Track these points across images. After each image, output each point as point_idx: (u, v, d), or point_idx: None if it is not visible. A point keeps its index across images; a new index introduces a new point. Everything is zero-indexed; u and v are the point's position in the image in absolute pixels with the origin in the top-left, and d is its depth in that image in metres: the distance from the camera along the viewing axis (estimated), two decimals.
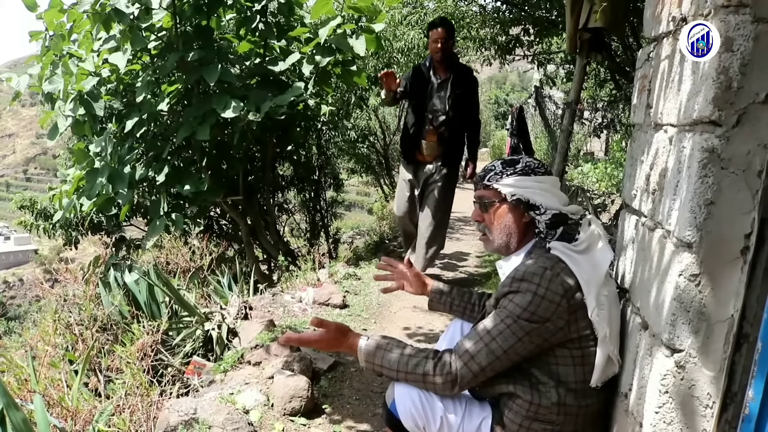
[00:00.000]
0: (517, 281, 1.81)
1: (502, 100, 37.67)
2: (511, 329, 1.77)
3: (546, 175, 1.98)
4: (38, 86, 5.76)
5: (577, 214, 1.95)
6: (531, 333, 1.77)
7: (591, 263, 1.83)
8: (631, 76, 4.08)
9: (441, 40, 4.87)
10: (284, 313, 4.61)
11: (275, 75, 5.94)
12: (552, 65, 10.25)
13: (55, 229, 8.21)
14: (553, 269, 1.79)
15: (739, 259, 1.38)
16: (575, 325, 1.79)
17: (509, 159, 2.04)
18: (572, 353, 1.83)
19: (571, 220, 1.94)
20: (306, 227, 9.59)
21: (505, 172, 1.98)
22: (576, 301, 1.78)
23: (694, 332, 1.42)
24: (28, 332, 4.34)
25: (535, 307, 1.76)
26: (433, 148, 5.06)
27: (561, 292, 1.76)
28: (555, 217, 1.92)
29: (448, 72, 5.02)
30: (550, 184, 1.96)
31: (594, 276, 1.80)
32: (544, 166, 2.02)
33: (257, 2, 5.63)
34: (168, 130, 5.99)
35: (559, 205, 1.93)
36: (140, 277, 4.39)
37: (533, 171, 1.96)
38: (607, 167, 8.60)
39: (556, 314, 1.77)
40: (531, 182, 1.95)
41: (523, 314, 1.76)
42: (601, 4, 3.40)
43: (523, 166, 1.97)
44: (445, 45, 4.90)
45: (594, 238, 1.90)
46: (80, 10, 5.14)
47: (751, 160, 1.35)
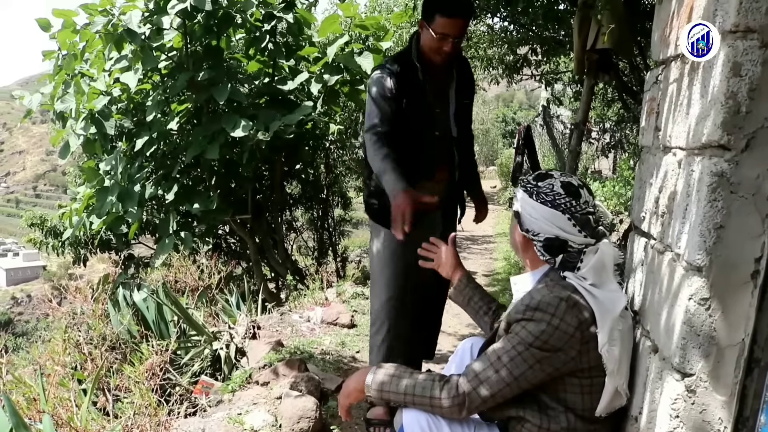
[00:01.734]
0: (531, 310, 1.78)
1: (509, 119, 37.75)
2: (523, 356, 1.76)
3: (557, 209, 1.84)
4: (50, 105, 5.84)
5: (582, 244, 1.85)
6: (542, 361, 1.75)
7: (608, 298, 1.80)
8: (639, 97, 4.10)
9: (456, 37, 2.79)
10: (292, 333, 4.62)
11: (284, 94, 6.00)
12: (560, 84, 10.29)
13: (64, 246, 8.25)
14: (568, 300, 1.76)
15: (749, 283, 1.38)
16: (587, 355, 1.77)
17: (541, 173, 1.95)
18: (581, 382, 1.81)
19: (572, 248, 1.86)
20: (314, 245, 9.60)
21: (526, 183, 1.94)
22: (590, 333, 1.75)
23: (704, 356, 1.42)
24: (37, 350, 4.34)
25: (548, 336, 1.74)
26: (437, 190, 2.96)
27: (575, 324, 1.74)
28: (548, 241, 1.86)
29: (447, 72, 3.01)
30: (551, 218, 1.85)
31: (610, 311, 1.77)
32: (557, 199, 1.86)
33: (267, 23, 5.69)
34: (177, 148, 6.04)
35: (560, 230, 1.85)
36: (149, 296, 4.40)
37: (538, 195, 1.87)
38: (615, 186, 8.59)
39: (568, 344, 1.75)
40: (528, 202, 1.90)
41: (536, 342, 1.74)
42: (609, 26, 3.42)
43: (534, 187, 1.90)
44: (459, 44, 2.87)
45: (600, 269, 1.83)
46: (93, 31, 5.23)
47: (760, 185, 1.35)
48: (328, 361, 4.07)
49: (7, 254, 73.88)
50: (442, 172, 3.04)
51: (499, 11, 6.63)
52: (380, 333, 3.08)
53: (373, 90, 2.90)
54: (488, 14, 7.23)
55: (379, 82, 2.88)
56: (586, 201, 1.86)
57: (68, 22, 5.48)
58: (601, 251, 1.84)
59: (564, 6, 5.33)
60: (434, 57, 2.85)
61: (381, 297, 3.07)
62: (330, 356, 4.19)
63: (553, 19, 5.38)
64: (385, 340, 3.06)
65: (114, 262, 8.11)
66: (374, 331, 3.10)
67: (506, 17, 7.22)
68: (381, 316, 3.08)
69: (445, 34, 2.74)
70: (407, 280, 3.02)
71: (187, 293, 5.07)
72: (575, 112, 9.79)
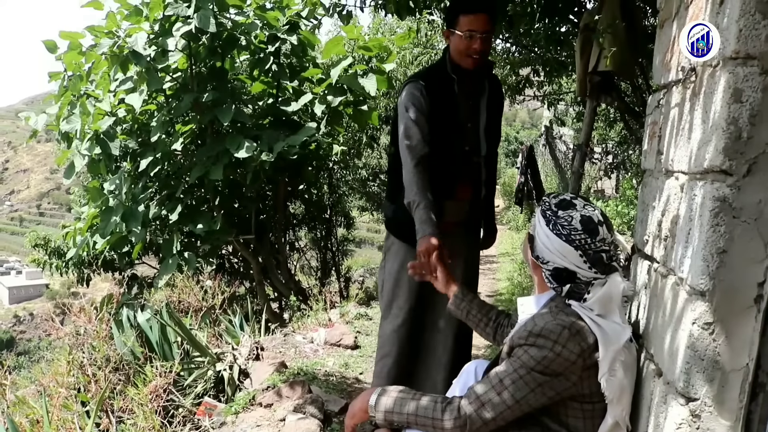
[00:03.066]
0: (534, 336, 1.78)
1: (512, 138, 37.86)
2: (524, 380, 1.76)
3: (571, 244, 1.82)
4: (55, 125, 5.87)
5: (591, 278, 1.84)
6: (543, 385, 1.76)
7: (612, 329, 1.80)
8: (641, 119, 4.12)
9: (483, 32, 2.76)
10: (296, 354, 4.61)
11: (288, 115, 6.04)
12: (562, 104, 10.33)
13: (68, 266, 8.26)
14: (571, 328, 1.77)
15: (752, 307, 1.38)
16: (588, 381, 1.78)
17: (560, 200, 1.92)
18: (583, 407, 1.82)
19: (580, 279, 1.85)
20: (317, 265, 9.60)
21: (547, 209, 1.91)
22: (592, 360, 1.76)
23: (708, 381, 1.42)
24: (40, 371, 4.34)
25: (549, 362, 1.74)
26: (462, 210, 3.00)
27: (577, 352, 1.74)
28: (557, 271, 1.86)
29: (478, 85, 2.97)
30: (563, 251, 1.84)
31: (613, 341, 1.77)
32: (573, 235, 1.83)
33: (271, 44, 5.74)
34: (181, 169, 6.07)
35: (569, 264, 1.84)
36: (152, 317, 4.41)
37: (554, 226, 1.85)
38: (617, 205, 8.60)
39: (569, 370, 1.75)
40: (544, 230, 1.89)
41: (537, 366, 1.75)
42: (611, 49, 3.44)
43: (553, 215, 1.87)
44: (488, 41, 2.84)
45: (607, 302, 1.83)
46: (98, 52, 5.28)
47: (762, 209, 1.36)
48: (331, 383, 4.06)
49: (11, 272, 73.94)
50: (465, 190, 2.97)
51: (501, 33, 6.67)
52: (385, 362, 3.00)
53: (410, 106, 2.84)
54: None
55: (415, 96, 2.85)
56: (603, 239, 1.82)
57: (74, 44, 5.54)
58: (609, 284, 1.83)
59: (566, 28, 5.36)
60: (465, 61, 2.81)
61: (393, 322, 2.99)
62: (333, 378, 4.18)
63: (555, 42, 5.40)
64: (390, 371, 2.98)
65: (118, 282, 8.12)
66: (379, 357, 3.05)
67: (508, 38, 7.26)
68: (388, 344, 3.00)
69: (471, 31, 2.73)
70: (422, 306, 2.95)
71: (191, 314, 5.07)
72: (578, 131, 9.82)
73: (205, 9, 5.01)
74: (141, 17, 5.41)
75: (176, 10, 5.09)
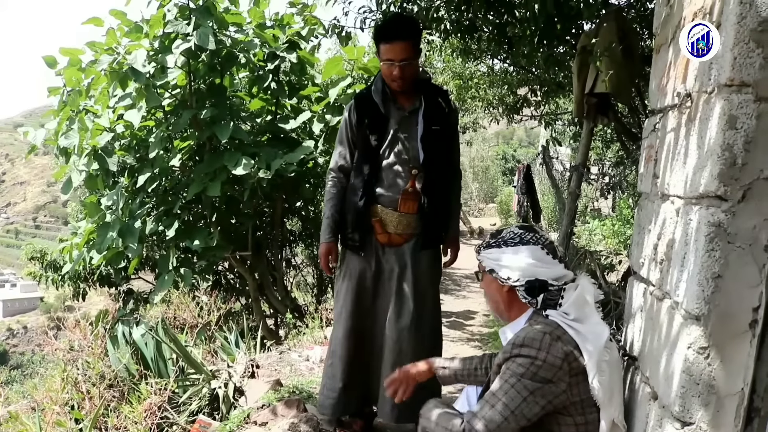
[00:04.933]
0: (517, 347, 1.85)
1: (509, 156, 37.95)
2: (516, 388, 1.81)
3: (527, 244, 2.01)
4: (54, 140, 5.88)
5: (561, 280, 1.98)
6: (535, 392, 1.80)
7: (591, 331, 1.86)
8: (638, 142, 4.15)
9: (400, 60, 2.87)
10: (291, 372, 4.59)
11: (286, 133, 6.05)
12: (559, 123, 10.37)
13: (64, 280, 8.22)
14: (552, 334, 1.84)
15: (747, 332, 1.39)
16: (576, 388, 1.83)
17: (496, 231, 2.14)
18: (575, 420, 1.84)
19: (553, 286, 1.96)
20: (313, 282, 9.58)
21: (488, 243, 2.10)
22: (577, 364, 1.82)
23: (704, 405, 1.42)
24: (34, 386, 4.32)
25: (537, 368, 1.80)
26: (406, 222, 3.04)
27: (561, 356, 1.81)
28: (529, 284, 1.97)
29: (415, 99, 3.07)
30: (527, 254, 2.00)
31: (595, 344, 1.83)
32: (523, 236, 2.04)
33: (270, 62, 5.76)
34: (179, 185, 6.08)
35: (537, 273, 1.97)
36: (147, 333, 4.39)
37: (505, 243, 2.04)
38: (614, 224, 8.62)
39: (557, 376, 1.80)
40: (499, 254, 2.04)
41: (526, 374, 1.80)
42: (608, 72, 3.48)
43: (497, 240, 2.07)
44: (408, 67, 2.91)
45: (581, 304, 1.92)
46: (98, 69, 5.30)
47: (757, 235, 1.38)
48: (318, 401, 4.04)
49: (5, 285, 73.51)
50: (409, 203, 3.03)
51: (500, 54, 6.72)
52: (333, 361, 3.19)
53: (342, 123, 3.16)
54: (488, 56, 7.33)
55: (345, 116, 3.14)
56: (543, 234, 2.04)
57: (74, 60, 5.56)
58: (581, 286, 1.96)
59: (563, 49, 5.41)
60: (391, 84, 2.98)
61: (339, 325, 3.18)
62: None
63: (552, 64, 5.45)
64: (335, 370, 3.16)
65: (114, 298, 8.09)
66: (327, 356, 3.27)
67: (506, 59, 7.32)
68: (334, 345, 3.20)
69: (389, 59, 2.88)
70: (359, 311, 3.12)
71: (186, 330, 5.05)
72: (575, 150, 9.86)
73: (205, 27, 5.04)
74: (141, 34, 5.45)
75: (176, 28, 5.12)
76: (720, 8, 1.43)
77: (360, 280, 3.10)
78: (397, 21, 3.10)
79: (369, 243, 3.08)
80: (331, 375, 3.15)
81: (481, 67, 9.22)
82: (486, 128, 14.20)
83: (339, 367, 3.12)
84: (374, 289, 3.11)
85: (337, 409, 3.15)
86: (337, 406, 3.14)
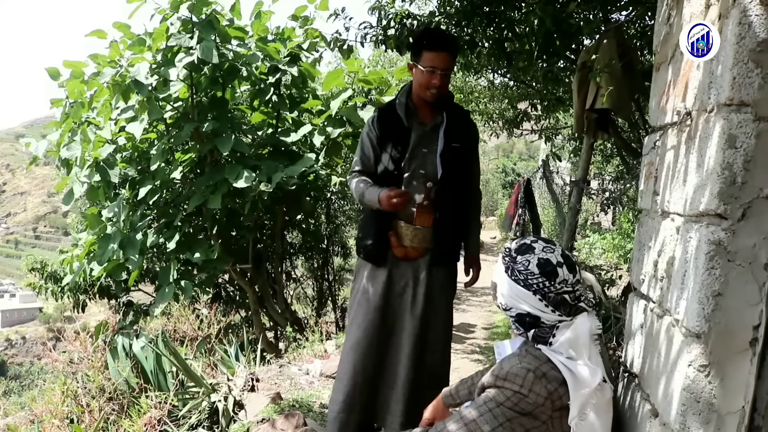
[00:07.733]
0: (500, 379, 1.78)
1: (509, 169, 37.95)
2: (493, 413, 1.75)
3: (529, 289, 1.83)
4: (56, 152, 5.91)
5: (555, 321, 1.84)
6: (513, 420, 1.74)
7: (583, 372, 1.77)
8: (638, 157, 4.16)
9: (443, 69, 2.95)
10: (291, 386, 4.58)
11: (287, 145, 6.07)
12: (560, 137, 10.40)
13: (63, 292, 8.22)
14: (536, 371, 1.76)
15: (748, 350, 1.40)
16: (558, 422, 1.77)
17: (520, 245, 1.93)
18: None
19: (544, 324, 1.85)
20: (313, 295, 9.57)
21: (504, 254, 1.94)
22: (562, 402, 1.75)
23: (704, 423, 1.42)
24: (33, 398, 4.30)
25: (518, 400, 1.74)
26: (422, 236, 3.06)
27: (545, 394, 1.73)
28: (519, 317, 1.87)
29: (437, 115, 3.12)
30: (524, 297, 1.85)
31: (584, 385, 1.75)
32: (530, 278, 1.83)
33: (271, 75, 5.79)
34: (180, 197, 6.09)
35: (531, 308, 1.84)
36: (147, 345, 4.39)
37: (512, 272, 1.87)
38: (614, 237, 8.61)
39: (538, 410, 1.74)
40: (503, 275, 1.91)
41: (506, 403, 1.75)
42: (608, 87, 3.49)
43: (510, 260, 1.89)
44: (446, 78, 3.00)
45: (574, 344, 1.81)
46: (101, 81, 5.32)
47: (757, 253, 1.38)
48: (326, 415, 4.03)
49: (4, 295, 73.34)
50: (424, 217, 3.04)
51: (500, 68, 6.76)
52: (336, 386, 3.14)
53: (362, 139, 3.18)
54: (489, 70, 7.36)
55: (367, 128, 3.17)
56: (563, 280, 1.81)
57: (77, 72, 5.60)
58: (575, 326, 1.83)
59: (563, 64, 5.44)
60: (425, 93, 3.00)
61: (350, 339, 3.12)
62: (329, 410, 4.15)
63: (552, 79, 5.48)
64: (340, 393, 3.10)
65: (114, 310, 8.08)
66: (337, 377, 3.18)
67: (506, 74, 7.35)
68: (343, 364, 3.12)
69: (433, 67, 2.92)
70: (379, 323, 3.06)
71: (186, 342, 5.05)
72: (575, 164, 9.88)
73: (208, 40, 5.07)
74: (144, 47, 5.48)
75: (179, 41, 5.16)
76: (719, 28, 1.44)
77: (373, 292, 3.09)
78: (445, 32, 3.35)
79: (384, 256, 3.10)
80: (336, 388, 3.16)
81: (482, 82, 9.27)
82: (486, 142, 14.22)
83: (344, 380, 3.10)
84: (386, 303, 3.08)
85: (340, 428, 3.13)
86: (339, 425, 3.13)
